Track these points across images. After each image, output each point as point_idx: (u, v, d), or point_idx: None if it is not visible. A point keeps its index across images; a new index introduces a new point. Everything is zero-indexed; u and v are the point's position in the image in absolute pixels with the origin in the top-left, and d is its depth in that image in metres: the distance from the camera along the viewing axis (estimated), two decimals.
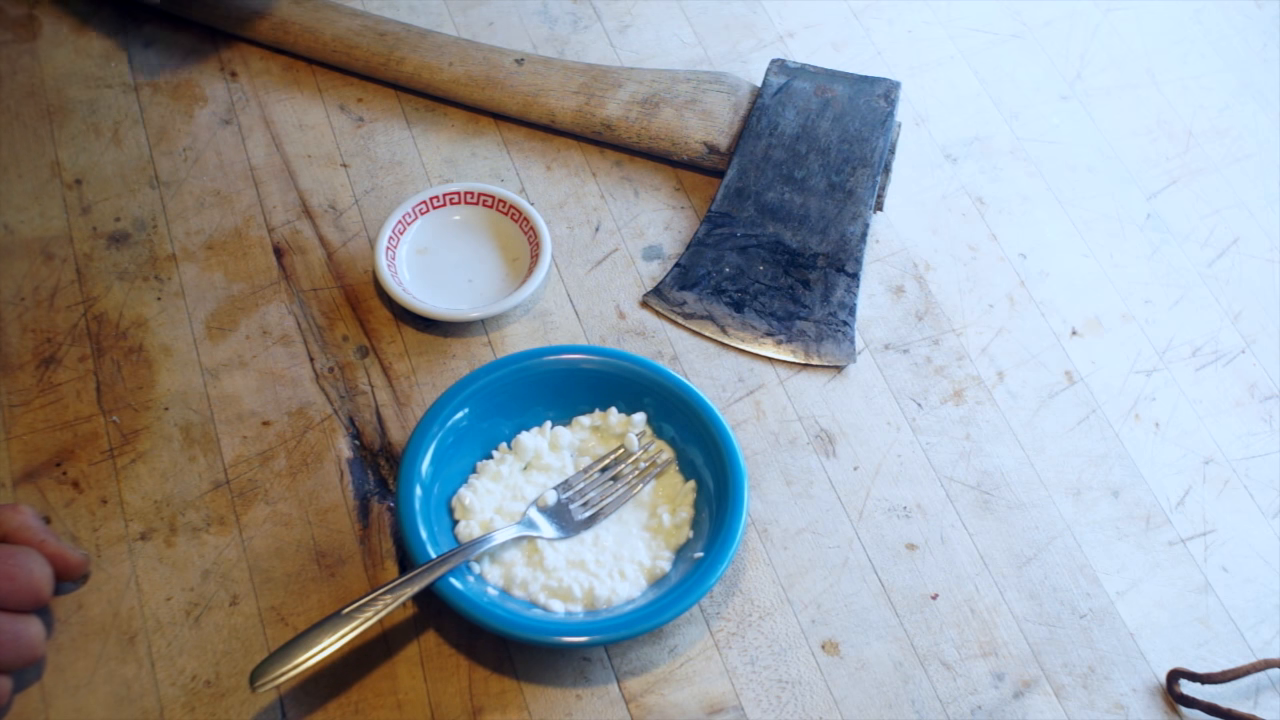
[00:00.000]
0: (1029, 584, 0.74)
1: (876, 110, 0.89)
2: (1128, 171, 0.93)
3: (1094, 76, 0.99)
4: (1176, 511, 0.78)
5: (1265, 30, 1.02)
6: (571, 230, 0.87)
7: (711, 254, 0.85)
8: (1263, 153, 0.95)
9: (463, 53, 0.91)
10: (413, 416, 0.78)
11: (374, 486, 0.75)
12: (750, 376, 0.81)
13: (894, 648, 0.72)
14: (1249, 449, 0.81)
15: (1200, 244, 0.90)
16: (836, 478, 0.78)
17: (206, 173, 0.88)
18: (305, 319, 0.82)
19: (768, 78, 0.90)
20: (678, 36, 0.98)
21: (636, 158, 0.91)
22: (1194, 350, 0.85)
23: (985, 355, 0.83)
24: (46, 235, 0.84)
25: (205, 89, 0.92)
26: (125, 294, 0.82)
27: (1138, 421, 0.81)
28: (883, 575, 0.74)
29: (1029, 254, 0.88)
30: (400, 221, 0.84)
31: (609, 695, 0.69)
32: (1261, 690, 0.72)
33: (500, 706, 0.69)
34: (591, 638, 0.67)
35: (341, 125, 0.91)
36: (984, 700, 0.70)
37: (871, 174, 0.86)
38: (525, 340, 0.82)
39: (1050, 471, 0.79)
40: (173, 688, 0.68)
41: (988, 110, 0.96)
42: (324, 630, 0.65)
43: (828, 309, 0.83)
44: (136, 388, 0.78)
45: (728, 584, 0.73)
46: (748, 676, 0.70)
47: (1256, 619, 0.74)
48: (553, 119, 0.90)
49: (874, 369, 0.82)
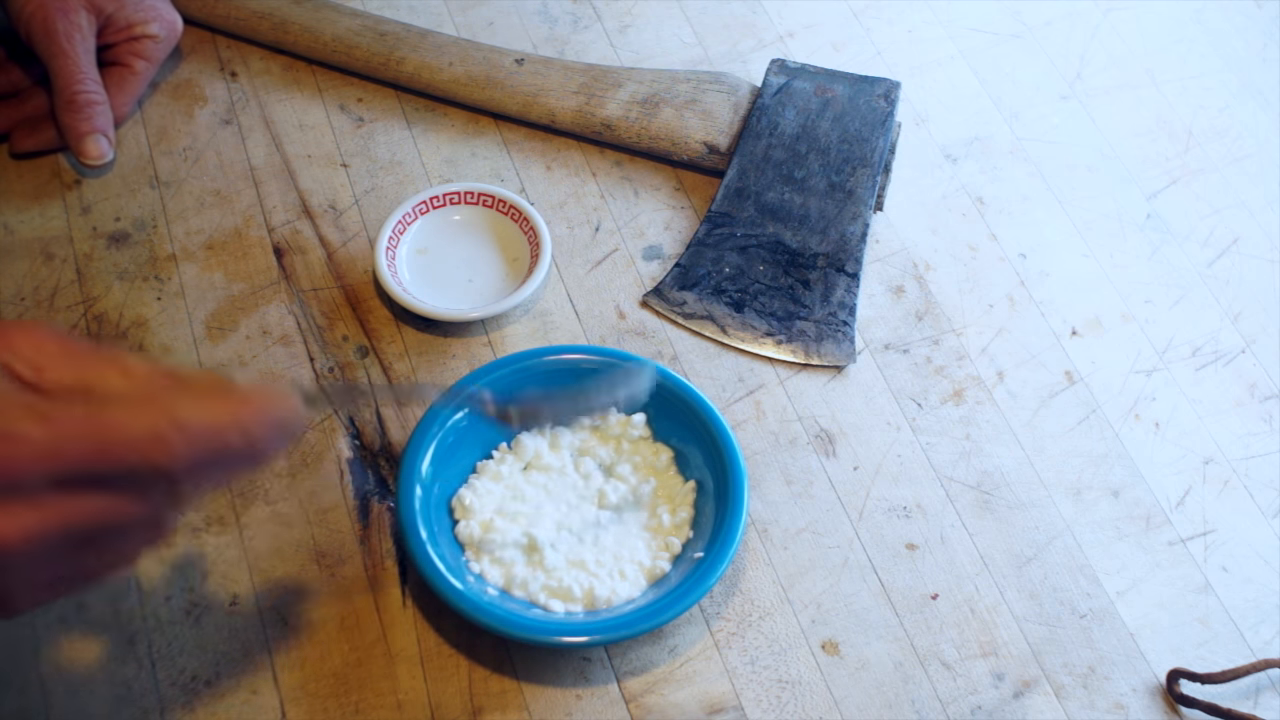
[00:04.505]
0: (1029, 584, 0.74)
1: (876, 110, 0.89)
2: (1128, 171, 0.93)
3: (1094, 76, 0.99)
4: (1176, 511, 0.78)
5: (1265, 30, 1.02)
6: (571, 230, 0.87)
7: (711, 254, 0.85)
8: (1263, 153, 0.95)
9: (463, 53, 0.91)
10: (413, 416, 0.78)
11: (374, 486, 0.75)
12: (750, 376, 0.81)
13: (894, 648, 0.72)
14: (1249, 449, 0.81)
15: (1200, 244, 0.90)
16: (836, 478, 0.78)
17: (206, 173, 0.88)
18: (305, 319, 0.82)
19: (768, 78, 0.90)
20: (678, 36, 0.98)
21: (636, 158, 0.91)
22: (1194, 350, 0.85)
23: (985, 355, 0.83)
24: (46, 235, 0.84)
25: (205, 89, 0.93)
26: (125, 294, 0.82)
27: (1138, 421, 0.81)
28: (883, 575, 0.74)
29: (1029, 254, 0.88)
30: (400, 221, 0.84)
31: (609, 695, 0.69)
32: (1261, 690, 0.72)
33: (500, 706, 0.69)
34: (591, 638, 0.67)
35: (341, 125, 0.91)
36: (984, 700, 0.70)
37: (871, 174, 0.86)
38: (525, 340, 0.82)
39: (1050, 471, 0.79)
40: (173, 688, 0.68)
41: (988, 110, 0.96)
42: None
43: (828, 309, 0.83)
44: None
45: (728, 584, 0.73)
46: (748, 676, 0.70)
47: (1256, 619, 0.74)
48: (553, 119, 0.90)
49: (874, 369, 0.82)
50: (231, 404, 0.51)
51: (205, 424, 0.50)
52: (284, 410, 0.52)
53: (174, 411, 0.49)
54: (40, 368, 0.49)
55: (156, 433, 0.49)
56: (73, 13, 0.83)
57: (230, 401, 0.51)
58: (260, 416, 0.51)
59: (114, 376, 0.50)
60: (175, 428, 0.49)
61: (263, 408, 0.51)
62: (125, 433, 0.48)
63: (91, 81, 0.84)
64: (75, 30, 0.83)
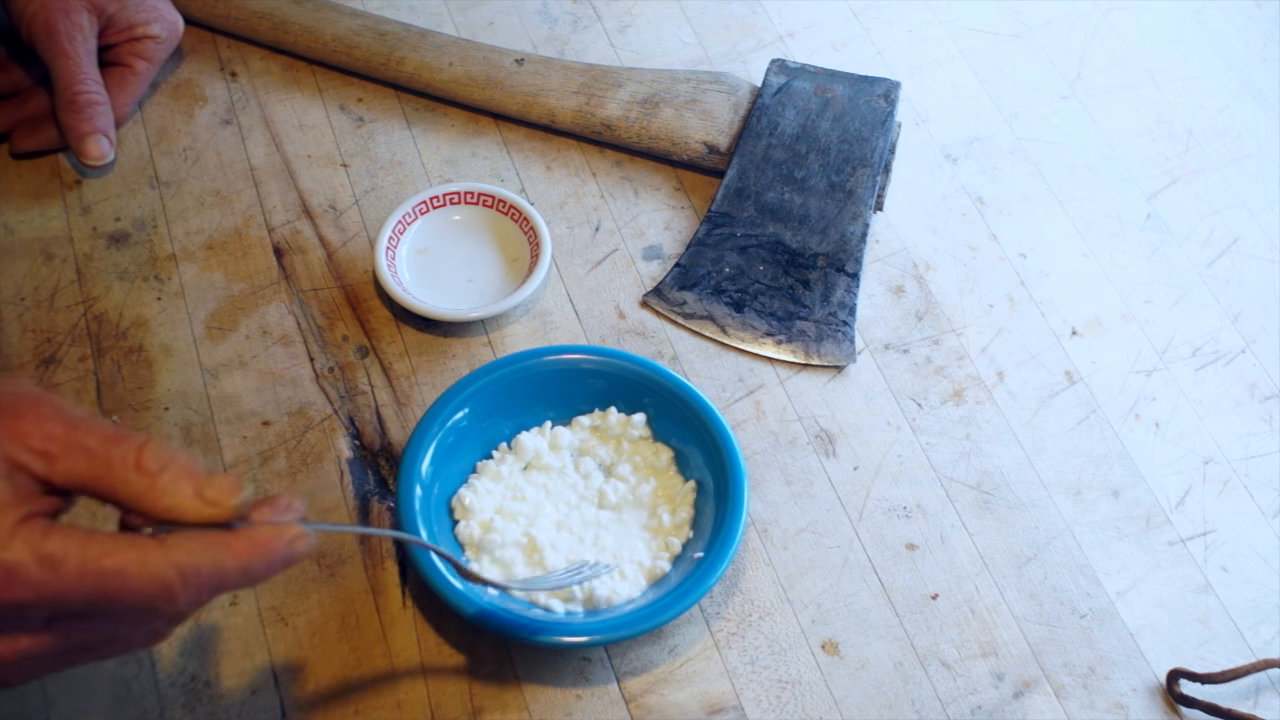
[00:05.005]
0: (1029, 584, 0.74)
1: (876, 110, 0.89)
2: (1128, 171, 0.93)
3: (1094, 76, 0.99)
4: (1176, 511, 0.78)
5: (1265, 30, 1.02)
6: (571, 230, 0.87)
7: (711, 254, 0.85)
8: (1263, 153, 0.95)
9: (463, 53, 0.91)
10: (413, 416, 0.78)
11: (374, 486, 0.75)
12: (750, 376, 0.81)
13: (894, 648, 0.72)
14: (1249, 449, 0.81)
15: (1200, 244, 0.90)
16: (836, 478, 0.78)
17: (206, 173, 0.88)
18: (305, 319, 0.82)
19: (768, 78, 0.90)
20: (678, 36, 0.98)
21: (636, 158, 0.91)
22: (1194, 350, 0.85)
23: (985, 355, 0.83)
24: (46, 235, 0.84)
25: (205, 89, 0.93)
26: (125, 294, 0.82)
27: (1138, 421, 0.81)
28: (883, 575, 0.74)
29: (1029, 254, 0.88)
30: (400, 221, 0.84)
31: (609, 695, 0.69)
32: (1261, 690, 0.72)
33: (500, 706, 0.69)
34: (591, 638, 0.67)
35: (341, 125, 0.91)
36: (984, 700, 0.70)
37: (871, 174, 0.86)
38: (525, 340, 0.82)
39: (1050, 471, 0.79)
40: (173, 688, 0.68)
41: (988, 110, 0.96)
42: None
43: (828, 309, 0.83)
44: (136, 388, 0.78)
45: (728, 584, 0.73)
46: (748, 676, 0.70)
47: (1256, 619, 0.74)
48: (553, 119, 0.90)
49: (874, 369, 0.82)
50: (238, 548, 0.51)
51: (211, 573, 0.50)
52: (289, 551, 0.52)
53: (180, 561, 0.49)
54: (51, 457, 0.49)
55: (162, 583, 0.49)
56: (74, 13, 0.83)
57: (236, 546, 0.51)
58: (266, 559, 0.52)
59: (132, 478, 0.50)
60: (181, 578, 0.49)
61: (269, 551, 0.52)
62: (131, 583, 0.49)
63: (93, 82, 0.84)
64: (77, 31, 0.83)
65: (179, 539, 0.50)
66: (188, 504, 0.50)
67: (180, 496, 0.50)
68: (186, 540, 0.50)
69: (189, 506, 0.50)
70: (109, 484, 0.50)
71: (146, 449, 0.50)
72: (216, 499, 0.51)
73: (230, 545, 0.51)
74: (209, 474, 0.51)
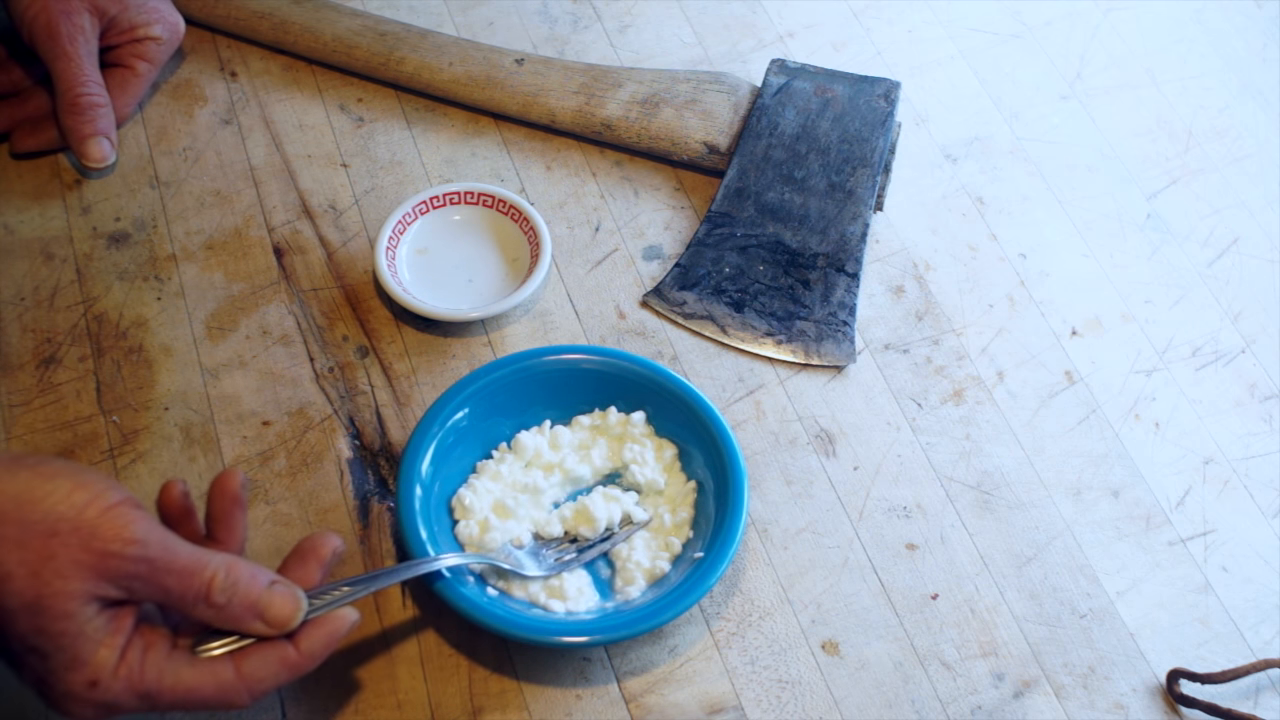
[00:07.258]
0: (1029, 584, 0.74)
1: (876, 110, 0.89)
2: (1128, 171, 0.93)
3: (1094, 76, 0.99)
4: (1176, 511, 0.78)
5: (1265, 30, 1.02)
6: (571, 230, 0.87)
7: (711, 254, 0.85)
8: (1263, 153, 0.95)
9: (463, 53, 0.91)
10: (413, 416, 0.78)
11: (374, 486, 0.75)
12: (750, 376, 0.81)
13: (894, 648, 0.72)
14: (1249, 449, 0.81)
15: (1200, 244, 0.90)
16: (836, 478, 0.78)
17: (206, 173, 0.88)
18: (305, 319, 0.82)
19: (768, 78, 0.90)
20: (678, 36, 0.98)
21: (636, 158, 0.91)
22: (1194, 350, 0.85)
23: (985, 355, 0.83)
24: (46, 235, 0.84)
25: (205, 89, 0.93)
26: (125, 294, 0.82)
27: (1138, 421, 0.81)
28: (883, 575, 0.74)
29: (1029, 254, 0.88)
30: (400, 221, 0.84)
31: (609, 695, 0.69)
32: (1261, 690, 0.72)
33: (500, 706, 0.69)
34: (591, 638, 0.67)
35: (341, 125, 0.91)
36: (984, 700, 0.70)
37: (871, 174, 0.86)
38: (525, 340, 0.82)
39: (1050, 471, 0.79)
40: None
41: (988, 110, 0.96)
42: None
43: (828, 309, 0.83)
44: (136, 388, 0.78)
45: (728, 584, 0.73)
46: (748, 676, 0.70)
47: (1256, 619, 0.74)
48: (553, 119, 0.90)
49: (874, 369, 0.82)
50: (296, 663, 0.60)
51: (273, 684, 0.59)
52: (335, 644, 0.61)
53: (251, 682, 0.59)
54: (134, 593, 0.57)
55: (233, 700, 0.59)
56: (76, 15, 0.83)
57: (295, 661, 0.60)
58: (317, 661, 0.61)
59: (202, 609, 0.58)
60: (250, 695, 0.59)
61: (321, 656, 0.61)
62: (209, 702, 0.58)
63: (94, 84, 0.84)
64: (78, 32, 0.83)
65: (249, 664, 0.59)
66: (253, 629, 0.59)
67: (245, 625, 0.59)
68: (255, 661, 0.59)
69: (255, 630, 0.59)
70: (181, 612, 0.59)
71: (214, 585, 0.58)
72: (277, 622, 0.59)
73: (288, 660, 0.60)
74: (269, 594, 0.59)
